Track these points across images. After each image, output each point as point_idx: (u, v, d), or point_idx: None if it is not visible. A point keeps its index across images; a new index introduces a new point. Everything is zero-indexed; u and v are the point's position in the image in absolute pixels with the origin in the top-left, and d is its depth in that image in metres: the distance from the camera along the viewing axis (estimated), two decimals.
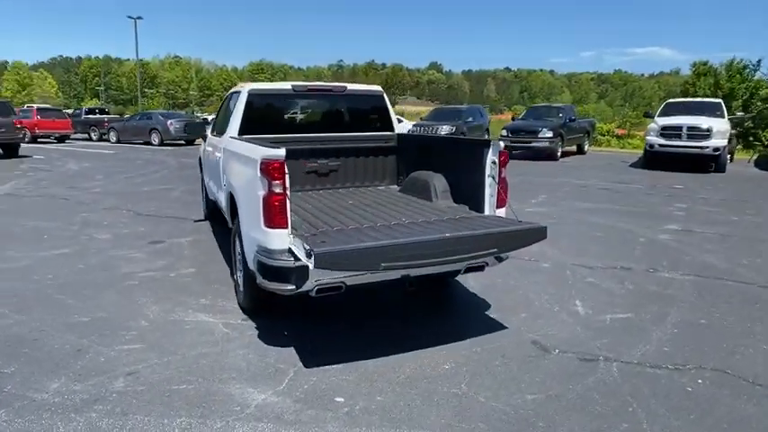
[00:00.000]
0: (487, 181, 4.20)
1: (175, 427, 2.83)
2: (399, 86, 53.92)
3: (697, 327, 4.18)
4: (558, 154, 17.29)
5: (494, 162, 4.13)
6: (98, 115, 28.06)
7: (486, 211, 4.23)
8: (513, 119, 20.48)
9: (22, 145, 18.28)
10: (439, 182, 4.71)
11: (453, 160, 4.71)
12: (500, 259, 3.99)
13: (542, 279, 5.32)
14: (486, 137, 22.23)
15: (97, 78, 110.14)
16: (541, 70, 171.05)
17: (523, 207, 9.14)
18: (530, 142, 17.39)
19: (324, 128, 5.63)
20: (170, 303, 4.61)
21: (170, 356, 3.64)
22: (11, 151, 17.05)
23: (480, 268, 3.93)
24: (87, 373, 3.41)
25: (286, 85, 5.28)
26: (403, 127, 22.10)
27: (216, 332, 4.03)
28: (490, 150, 4.13)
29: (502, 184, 4.17)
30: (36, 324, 4.15)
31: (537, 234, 3.64)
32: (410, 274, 3.59)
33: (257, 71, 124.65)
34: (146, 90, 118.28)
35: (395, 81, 51.56)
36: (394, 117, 5.85)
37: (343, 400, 3.12)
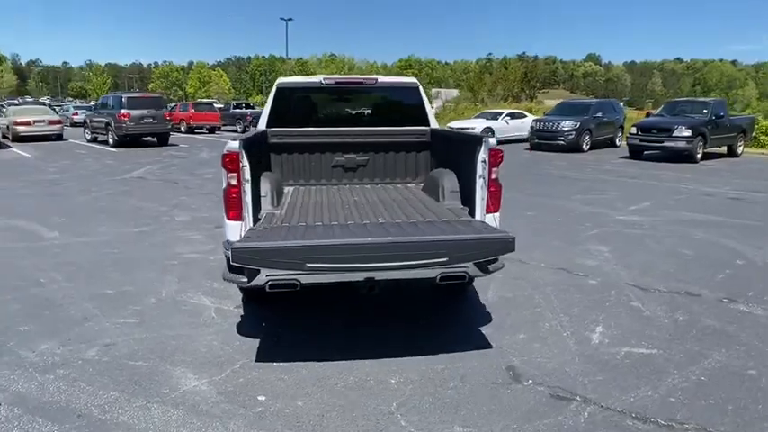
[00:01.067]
0: (479, 182, 3.78)
1: (104, 401, 3.01)
2: (538, 78, 50.84)
3: (737, 378, 3.31)
4: (699, 156, 14.98)
5: (484, 161, 3.69)
6: (243, 109, 31.15)
7: (478, 216, 3.81)
8: (647, 115, 18.15)
9: (176, 134, 20.95)
10: (449, 181, 4.36)
11: (457, 158, 4.33)
12: (485, 270, 3.56)
13: (576, 297, 4.65)
14: (619, 135, 20.12)
15: (263, 76, 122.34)
16: (721, 60, 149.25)
17: (613, 213, 8.11)
18: (662, 141, 15.20)
19: (354, 121, 5.52)
20: (187, 284, 4.93)
21: (150, 333, 3.88)
22: (162, 140, 19.69)
23: (460, 278, 3.55)
24: (75, 339, 3.79)
25: (315, 79, 5.29)
26: (525, 123, 20.99)
27: (204, 316, 4.21)
28: (482, 148, 3.70)
29: (492, 187, 3.71)
30: (71, 292, 4.72)
31: (500, 245, 3.17)
32: (374, 277, 3.36)
33: (405, 67, 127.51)
34: None
35: (535, 74, 48.66)
36: (430, 111, 5.53)
37: (264, 398, 3.05)
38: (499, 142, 3.91)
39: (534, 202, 9.10)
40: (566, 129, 17.98)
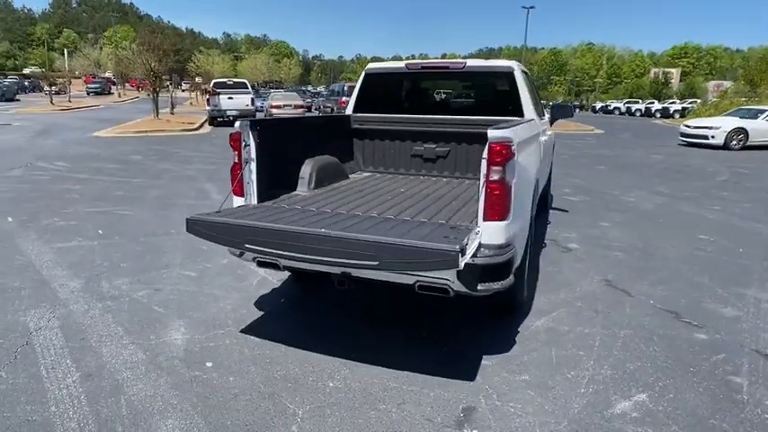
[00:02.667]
0: (481, 182, 3.18)
1: (108, 332, 3.58)
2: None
3: None
4: None
5: (485, 158, 3.09)
6: None
7: (479, 223, 3.23)
8: None
9: None
10: None
11: None
12: (472, 288, 3.03)
13: (654, 357, 3.57)
14: None
15: None
16: None
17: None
18: None
19: (438, 109, 5.18)
20: None
21: (194, 287, 4.42)
22: None
23: (442, 291, 3.10)
24: (142, 281, 4.55)
25: (400, 64, 5.12)
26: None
27: (246, 282, 4.57)
28: (488, 143, 3.11)
29: (491, 190, 3.08)
30: (183, 244, 5.62)
31: (435, 258, 2.62)
32: (349, 272, 3.18)
33: (678, 56, 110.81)
34: (554, 77, 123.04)
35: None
36: (527, 99, 4.82)
37: (210, 365, 3.21)
38: (756, 147, 3.10)
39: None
40: None
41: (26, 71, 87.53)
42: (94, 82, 59.32)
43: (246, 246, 3.00)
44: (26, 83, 60.62)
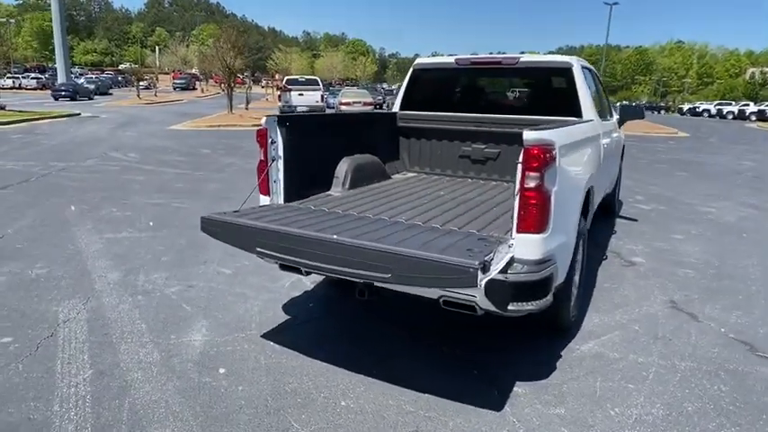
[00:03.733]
0: (516, 188, 2.84)
1: (131, 329, 3.57)
2: None
3: None
4: None
5: (520, 162, 2.75)
6: None
7: (513, 235, 2.88)
8: None
9: None
10: None
11: None
12: (502, 308, 2.71)
13: (717, 399, 3.07)
14: None
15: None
16: None
17: None
18: None
19: (489, 108, 4.81)
20: None
21: (226, 286, 4.36)
22: None
23: (469, 308, 2.80)
24: (178, 276, 4.56)
25: (449, 59, 4.80)
26: None
27: (279, 283, 4.45)
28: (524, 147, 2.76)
29: (527, 199, 2.73)
30: None
31: (451, 275, 2.31)
32: (372, 283, 2.95)
33: None
34: (638, 77, 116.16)
35: None
36: (586, 98, 4.36)
37: (223, 371, 3.09)
38: None
39: None
40: None
41: (121, 67, 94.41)
42: (180, 78, 62.91)
43: (258, 249, 2.84)
44: (120, 78, 65.35)
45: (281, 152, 3.52)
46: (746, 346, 3.59)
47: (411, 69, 5.01)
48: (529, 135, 2.67)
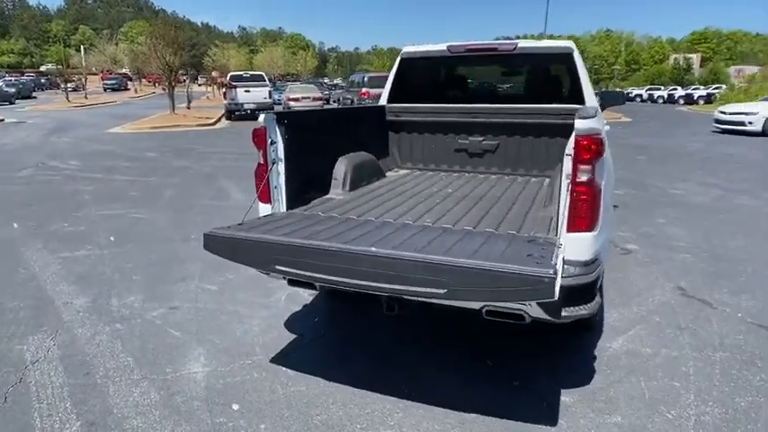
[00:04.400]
0: (563, 183, 2.61)
1: (115, 364, 3.07)
2: None
3: None
4: None
5: (570, 154, 2.51)
6: None
7: (560, 233, 2.64)
8: None
9: None
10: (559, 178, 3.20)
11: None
12: (555, 315, 2.46)
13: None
14: None
15: None
16: None
17: None
18: None
19: (486, 98, 4.57)
20: None
21: (215, 304, 3.90)
22: None
23: (517, 318, 2.53)
24: (157, 296, 4.06)
25: (441, 47, 4.51)
26: None
27: (274, 297, 4.03)
28: (572, 136, 2.52)
29: (578, 194, 2.49)
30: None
31: (523, 286, 2.04)
32: (400, 296, 2.61)
33: (698, 41, 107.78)
34: None
35: None
36: (587, 84, 4.19)
37: (237, 408, 2.68)
38: None
39: None
40: None
41: (43, 68, 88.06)
42: (111, 78, 59.34)
43: (277, 267, 2.45)
44: (42, 80, 60.91)
45: (281, 154, 3.12)
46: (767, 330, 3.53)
47: (398, 59, 4.69)
48: (582, 124, 2.43)
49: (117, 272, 4.52)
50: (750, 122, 16.34)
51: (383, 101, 4.77)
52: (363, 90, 19.51)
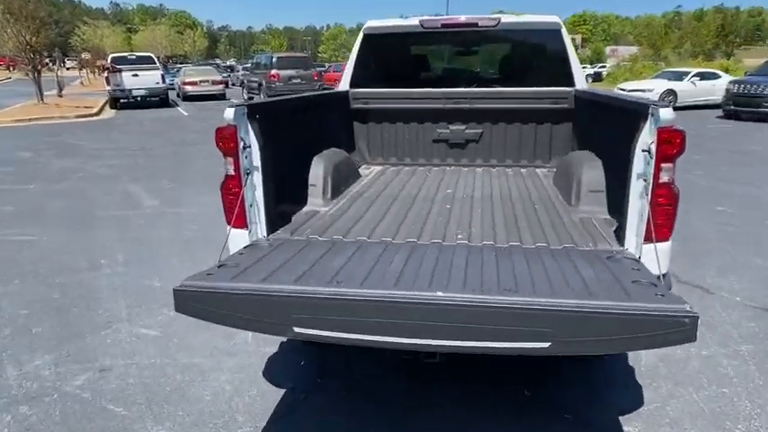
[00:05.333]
0: (635, 185, 2.13)
1: None
2: (738, 33, 41.70)
3: None
4: None
5: (647, 149, 2.03)
6: None
7: (628, 243, 2.20)
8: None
9: None
10: (589, 172, 2.74)
11: (606, 138, 2.68)
12: None
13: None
14: None
15: None
16: None
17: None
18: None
19: (466, 80, 4.03)
20: None
21: (160, 358, 2.99)
22: None
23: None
24: (75, 355, 3.04)
25: (413, 21, 3.85)
26: (718, 85, 16.88)
27: (237, 338, 3.19)
28: (645, 125, 2.04)
29: (660, 196, 2.05)
30: (125, 280, 4.07)
31: (660, 330, 1.56)
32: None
33: (578, 23, 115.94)
34: None
35: (735, 27, 40.01)
36: (576, 64, 3.77)
37: None
38: (684, 108, 2.21)
39: (732, 193, 6.62)
40: None
41: None
42: None
43: (296, 330, 1.70)
44: None
45: (257, 160, 2.32)
46: None
47: (361, 35, 3.95)
48: (666, 114, 1.98)
49: (8, 323, 3.40)
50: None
51: (344, 86, 4.02)
52: (272, 72, 18.23)
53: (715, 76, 18.23)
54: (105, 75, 20.45)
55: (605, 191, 2.62)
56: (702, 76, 18.09)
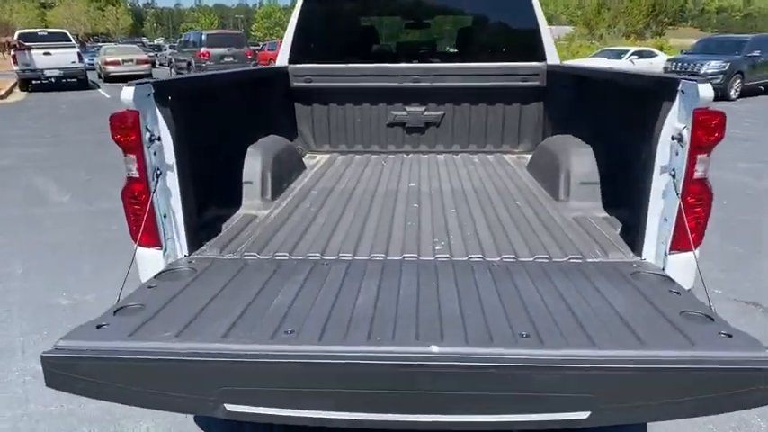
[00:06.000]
0: (658, 180, 1.74)
1: None
2: (668, 12, 43.54)
3: None
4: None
5: (678, 137, 1.64)
6: None
7: (647, 253, 1.82)
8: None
9: None
10: (579, 161, 2.35)
11: (610, 121, 2.30)
12: None
13: None
14: None
15: None
16: None
17: None
18: None
19: (426, 54, 3.58)
20: None
21: None
22: None
23: None
24: None
25: None
26: (656, 63, 17.36)
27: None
28: (675, 104, 1.64)
29: (692, 195, 1.67)
30: None
31: (748, 385, 1.18)
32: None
33: None
34: None
35: (665, 6, 41.73)
36: (548, 36, 3.39)
37: None
38: None
39: None
40: (710, 71, 14.32)
41: None
42: None
43: (228, 408, 1.20)
44: None
45: (170, 156, 1.75)
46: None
47: (300, 1, 3.38)
48: (705, 91, 1.56)
49: None
50: None
51: (282, 61, 3.45)
52: (202, 50, 17.02)
53: (652, 55, 18.79)
54: (12, 53, 18.42)
55: (599, 183, 2.24)
56: (640, 55, 18.58)
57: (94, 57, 22.90)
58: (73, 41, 18.82)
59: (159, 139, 1.71)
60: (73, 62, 17.65)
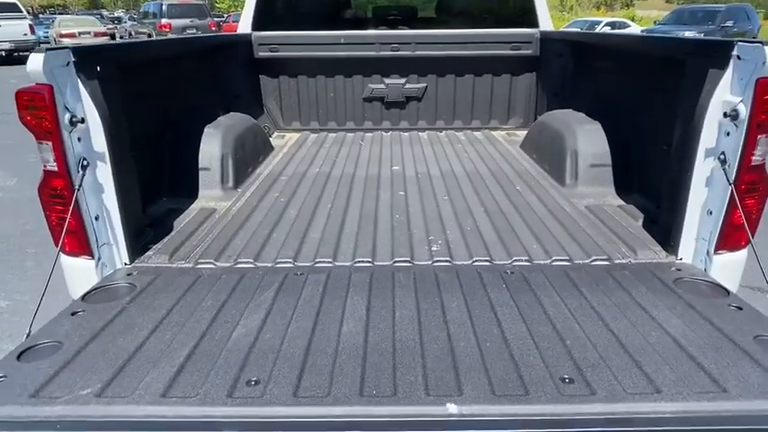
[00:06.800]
0: (701, 166, 1.47)
1: None
2: None
3: None
4: None
5: (732, 113, 1.35)
6: None
7: (684, 252, 1.55)
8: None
9: None
10: (588, 140, 2.08)
11: (625, 92, 2.03)
12: None
13: None
14: None
15: None
16: None
17: None
18: None
19: (403, 20, 3.23)
20: None
21: None
22: None
23: None
24: None
25: None
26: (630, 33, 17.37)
27: None
28: (728, 73, 1.35)
29: (748, 183, 1.41)
30: None
31: None
32: None
33: None
34: None
35: None
36: (541, 1, 3.09)
37: None
38: None
39: None
40: None
41: None
42: None
43: None
44: None
45: (101, 142, 1.41)
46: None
47: None
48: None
49: None
50: None
51: (245, 27, 3.06)
52: (163, 21, 16.15)
53: (625, 26, 18.75)
54: None
55: (611, 165, 1.98)
56: (613, 26, 18.50)
57: (49, 29, 21.56)
58: (24, 12, 17.63)
59: (83, 120, 1.37)
60: (24, 34, 16.55)
